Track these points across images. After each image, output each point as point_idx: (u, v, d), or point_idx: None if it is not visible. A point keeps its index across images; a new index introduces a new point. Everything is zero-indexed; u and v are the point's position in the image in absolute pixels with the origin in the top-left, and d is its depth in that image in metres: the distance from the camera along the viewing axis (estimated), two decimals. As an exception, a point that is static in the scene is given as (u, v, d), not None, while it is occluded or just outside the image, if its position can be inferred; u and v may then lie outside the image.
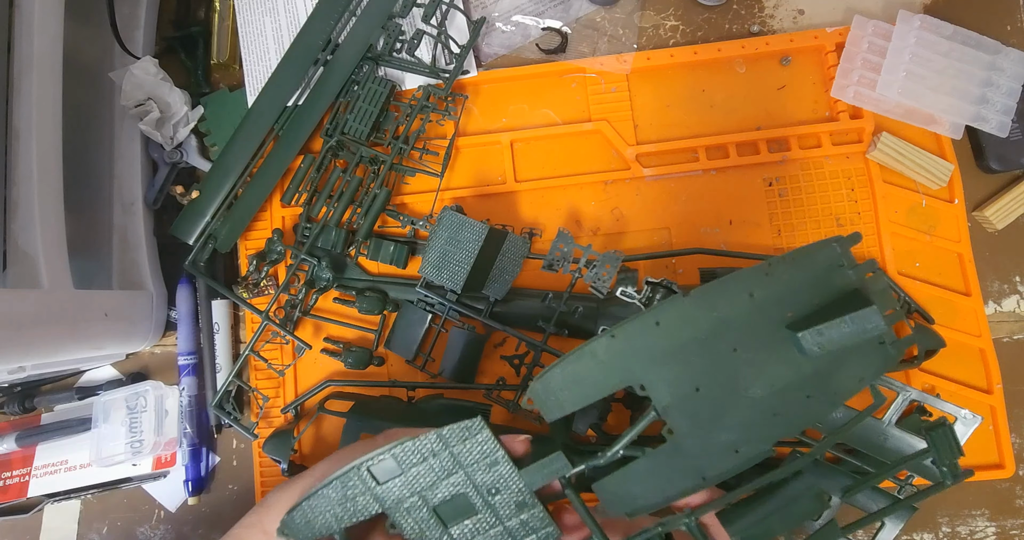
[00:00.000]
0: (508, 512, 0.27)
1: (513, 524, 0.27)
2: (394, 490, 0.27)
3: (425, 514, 0.27)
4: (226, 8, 0.53)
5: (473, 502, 0.27)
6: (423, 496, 0.27)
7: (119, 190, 0.51)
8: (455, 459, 0.27)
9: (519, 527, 0.28)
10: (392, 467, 0.27)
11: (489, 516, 0.27)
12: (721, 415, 0.26)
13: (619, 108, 0.50)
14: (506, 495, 0.27)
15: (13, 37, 0.40)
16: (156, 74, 0.50)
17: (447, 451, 0.27)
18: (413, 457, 0.27)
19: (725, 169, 0.49)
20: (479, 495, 0.27)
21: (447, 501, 0.27)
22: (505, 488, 0.27)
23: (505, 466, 0.27)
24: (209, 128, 0.52)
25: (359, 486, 0.27)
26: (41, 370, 0.43)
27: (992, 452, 0.47)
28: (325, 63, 0.50)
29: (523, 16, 0.52)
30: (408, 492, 0.27)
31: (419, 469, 0.27)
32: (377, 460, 0.27)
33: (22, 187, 0.40)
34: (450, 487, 0.27)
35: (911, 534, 0.47)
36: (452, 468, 0.27)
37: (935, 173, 0.47)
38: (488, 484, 0.27)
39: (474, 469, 0.27)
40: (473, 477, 0.27)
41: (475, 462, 0.27)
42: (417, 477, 0.27)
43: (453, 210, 0.45)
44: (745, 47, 0.49)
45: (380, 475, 0.27)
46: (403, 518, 0.27)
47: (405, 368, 0.48)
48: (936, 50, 0.47)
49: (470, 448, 0.27)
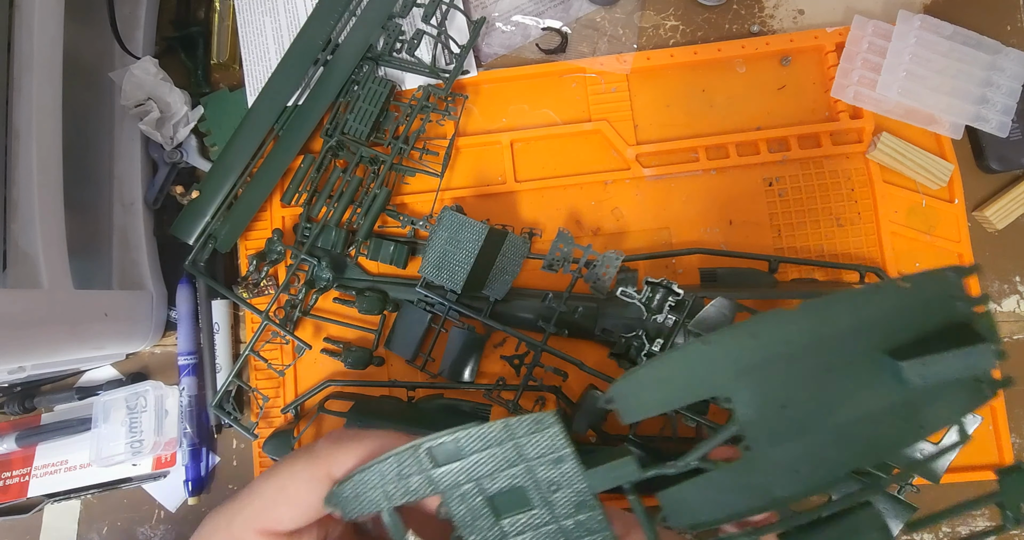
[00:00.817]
0: (565, 511, 0.27)
1: (568, 524, 0.27)
2: (451, 474, 0.26)
3: (479, 503, 0.27)
4: (226, 8, 0.53)
5: (530, 496, 0.27)
6: (480, 484, 0.27)
7: (119, 190, 0.51)
8: (519, 451, 0.26)
9: (574, 527, 0.27)
10: (453, 451, 0.26)
11: (545, 513, 0.27)
12: (802, 436, 0.25)
13: (619, 108, 0.50)
14: (566, 494, 0.27)
15: (13, 37, 0.40)
16: (156, 74, 0.50)
17: (512, 442, 0.26)
18: (476, 443, 0.26)
19: (725, 169, 0.49)
20: (537, 490, 0.27)
21: (503, 492, 0.27)
22: (567, 486, 0.27)
23: (571, 464, 0.26)
24: (209, 128, 0.52)
25: (415, 466, 0.26)
26: (41, 370, 0.43)
27: (992, 452, 0.47)
28: (325, 63, 0.50)
29: (523, 16, 0.52)
30: (465, 478, 0.26)
31: (480, 456, 0.26)
32: (439, 442, 0.26)
33: (22, 187, 0.40)
34: (508, 478, 0.26)
35: (911, 534, 0.47)
36: (514, 459, 0.26)
37: (935, 173, 0.47)
38: (549, 480, 0.26)
39: (537, 463, 0.26)
40: (535, 471, 0.26)
41: (540, 456, 0.26)
42: (477, 464, 0.26)
43: (453, 210, 0.45)
44: (745, 47, 0.49)
45: (439, 457, 0.26)
46: (456, 504, 0.27)
47: (405, 368, 0.48)
48: (936, 50, 0.47)
49: (537, 441, 0.26)
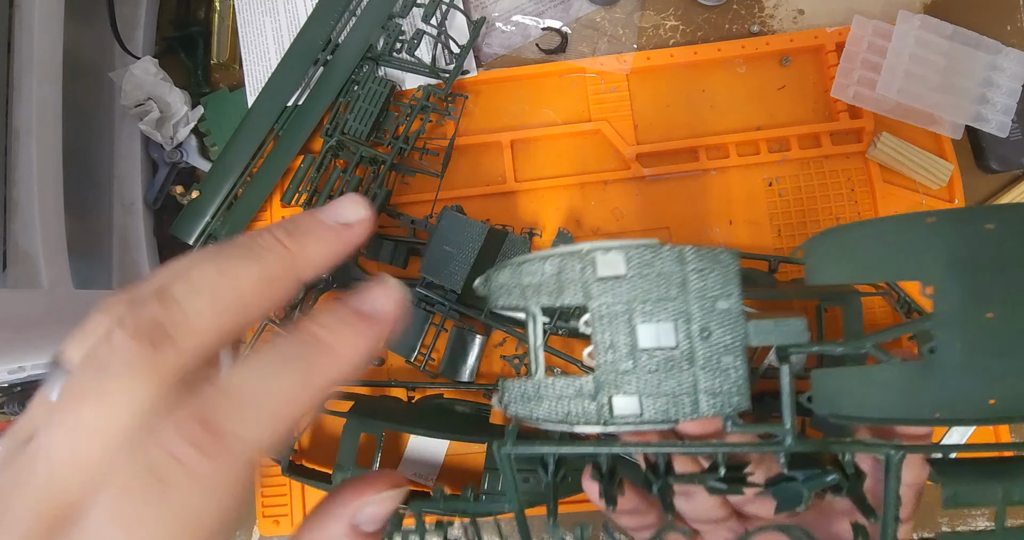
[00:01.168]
0: (707, 358, 0.24)
1: (702, 372, 0.25)
2: (608, 290, 0.24)
3: (624, 327, 0.25)
4: (226, 8, 0.53)
5: (677, 335, 0.24)
6: (631, 308, 0.24)
7: (119, 190, 0.51)
8: (684, 282, 0.24)
9: (707, 377, 0.25)
10: (619, 266, 0.24)
11: (685, 355, 0.25)
12: (998, 357, 0.22)
13: (619, 108, 0.50)
14: (715, 340, 0.24)
15: (13, 37, 0.40)
16: (156, 74, 0.50)
17: (682, 271, 0.24)
18: (645, 266, 0.24)
19: (725, 169, 0.49)
20: (687, 330, 0.24)
21: (652, 323, 0.24)
22: (719, 332, 0.24)
23: (735, 307, 0.24)
24: (209, 128, 0.52)
25: (576, 272, 0.24)
26: (41, 370, 0.43)
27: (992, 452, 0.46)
28: (325, 63, 0.50)
29: (523, 16, 0.52)
30: (621, 299, 0.24)
31: (645, 280, 0.24)
32: (607, 251, 0.24)
33: (22, 187, 0.40)
34: (663, 310, 0.24)
35: (911, 535, 0.47)
36: (677, 292, 0.24)
37: (935, 173, 0.47)
38: (704, 322, 0.24)
39: (699, 300, 0.24)
40: (691, 308, 0.24)
41: (704, 294, 0.24)
42: (638, 286, 0.24)
43: (453, 210, 0.45)
44: (745, 47, 0.49)
45: (602, 269, 0.24)
46: (600, 323, 0.25)
47: (405, 368, 0.48)
48: (936, 50, 0.47)
49: (707, 276, 0.24)
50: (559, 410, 0.25)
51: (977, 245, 0.22)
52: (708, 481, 0.26)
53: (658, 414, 0.25)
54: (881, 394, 0.23)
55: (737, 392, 0.25)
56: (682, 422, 0.25)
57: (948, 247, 0.22)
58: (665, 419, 0.25)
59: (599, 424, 0.25)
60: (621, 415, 0.25)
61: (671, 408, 0.25)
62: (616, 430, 0.25)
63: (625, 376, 0.25)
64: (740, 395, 0.25)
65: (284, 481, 0.48)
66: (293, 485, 0.48)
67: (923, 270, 0.22)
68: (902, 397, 0.23)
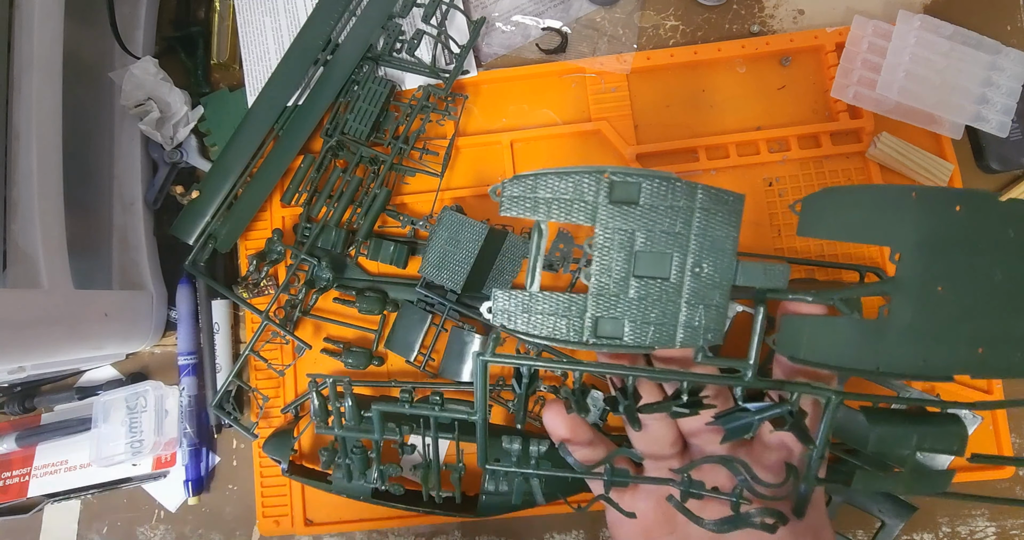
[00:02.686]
0: (695, 292, 0.26)
1: (686, 306, 0.26)
2: (617, 215, 0.25)
3: (623, 254, 0.26)
4: (226, 8, 0.53)
5: (671, 267, 0.26)
6: (633, 236, 0.25)
7: (119, 190, 0.51)
8: (690, 219, 0.25)
9: (691, 312, 0.26)
10: (633, 193, 0.25)
11: (675, 287, 0.26)
12: (938, 326, 0.25)
13: (619, 108, 0.50)
14: (706, 276, 0.26)
15: (13, 37, 0.40)
16: (156, 74, 0.50)
17: (690, 208, 0.25)
18: (658, 197, 0.25)
19: (725, 169, 0.49)
20: (680, 262, 0.26)
21: (650, 252, 0.26)
22: (711, 269, 0.26)
23: (730, 248, 0.25)
24: (209, 128, 0.52)
25: (591, 192, 0.25)
26: (41, 370, 0.43)
27: (992, 452, 0.47)
28: (325, 63, 0.50)
29: (523, 16, 0.52)
30: (627, 225, 0.25)
31: (655, 211, 0.25)
32: (623, 176, 0.25)
33: (22, 187, 0.40)
34: (664, 242, 0.25)
35: (911, 534, 0.47)
36: (681, 227, 0.25)
37: (935, 173, 0.47)
38: (698, 258, 0.26)
39: (699, 238, 0.25)
40: (690, 243, 0.25)
41: (705, 232, 0.25)
42: (647, 215, 0.25)
43: (453, 210, 0.45)
44: (745, 47, 0.49)
45: (617, 194, 0.25)
46: (603, 248, 0.26)
47: (405, 368, 0.48)
48: (936, 50, 0.47)
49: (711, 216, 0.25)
50: (545, 325, 0.26)
51: (945, 224, 0.24)
52: (671, 407, 0.29)
53: (638, 339, 0.26)
54: (836, 343, 0.26)
55: (713, 328, 0.26)
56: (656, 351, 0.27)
57: (922, 221, 0.24)
58: (642, 344, 0.26)
59: (582, 343, 0.26)
60: (604, 336, 0.26)
61: (650, 335, 0.26)
62: (595, 349, 0.27)
63: (615, 299, 0.26)
64: (714, 331, 0.26)
65: (284, 481, 0.48)
66: (293, 485, 0.48)
67: (897, 238, 0.25)
68: (853, 349, 0.26)
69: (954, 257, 0.24)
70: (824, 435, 0.28)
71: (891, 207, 0.25)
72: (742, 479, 0.30)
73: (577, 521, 0.48)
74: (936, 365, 0.25)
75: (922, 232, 0.24)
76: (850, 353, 0.26)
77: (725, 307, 0.26)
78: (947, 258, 0.24)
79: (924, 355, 0.25)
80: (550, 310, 0.26)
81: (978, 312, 0.25)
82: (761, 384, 0.28)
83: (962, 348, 0.25)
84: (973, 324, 0.25)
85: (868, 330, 0.25)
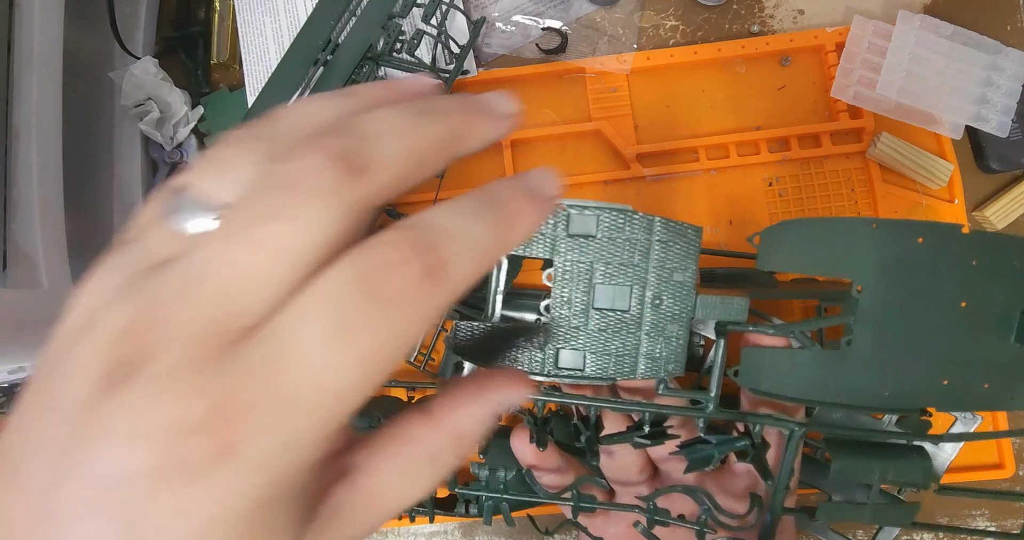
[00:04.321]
0: (654, 324, 0.26)
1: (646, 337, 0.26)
2: (575, 248, 0.25)
3: (583, 285, 0.25)
4: (226, 8, 0.53)
5: (631, 299, 0.26)
6: (593, 268, 0.25)
7: (119, 190, 0.51)
8: (648, 252, 0.25)
9: (650, 340, 0.26)
10: (590, 226, 0.25)
11: (635, 319, 0.26)
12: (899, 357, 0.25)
13: (619, 108, 0.50)
14: (665, 308, 0.26)
15: (13, 37, 0.40)
16: (156, 74, 0.50)
17: (648, 240, 0.25)
18: (615, 229, 0.25)
19: (725, 169, 0.49)
20: (640, 296, 0.25)
21: (609, 285, 0.26)
22: (670, 301, 0.26)
23: (688, 281, 0.26)
24: (209, 128, 0.52)
25: (548, 226, 0.25)
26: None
27: (992, 452, 0.47)
28: (325, 63, 0.50)
29: (523, 16, 0.52)
30: (586, 258, 0.25)
31: (612, 243, 0.25)
32: (580, 209, 0.25)
33: (22, 187, 0.40)
34: (622, 274, 0.25)
35: (911, 534, 0.47)
36: (640, 259, 0.25)
37: (935, 173, 0.47)
38: (657, 290, 0.25)
39: (657, 270, 0.25)
40: (649, 276, 0.25)
41: (663, 264, 0.25)
42: (604, 247, 0.25)
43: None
44: (745, 47, 0.49)
45: (574, 227, 0.25)
46: (562, 279, 0.26)
47: (405, 368, 0.48)
48: (936, 50, 0.47)
49: (669, 248, 0.25)
50: (506, 357, 0.26)
51: (906, 255, 0.24)
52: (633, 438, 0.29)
53: (599, 371, 0.26)
54: (798, 375, 0.26)
55: (674, 359, 0.26)
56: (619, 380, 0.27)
57: (882, 253, 0.24)
58: (604, 376, 0.26)
59: (542, 374, 0.26)
60: (565, 367, 0.26)
61: (611, 367, 0.26)
62: (557, 381, 0.27)
63: (575, 332, 0.26)
64: (676, 362, 0.26)
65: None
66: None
67: (857, 269, 0.24)
68: (814, 380, 0.26)
69: (916, 287, 0.24)
70: (787, 466, 0.28)
71: (851, 239, 0.24)
72: (706, 508, 0.30)
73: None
74: (900, 397, 0.25)
75: (883, 263, 0.24)
76: (811, 385, 0.26)
77: (685, 339, 0.26)
78: (909, 288, 0.24)
79: (887, 387, 0.25)
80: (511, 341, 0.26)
81: (942, 343, 0.25)
82: (723, 416, 0.28)
83: (926, 379, 0.25)
84: (937, 355, 0.25)
85: (829, 362, 0.25)
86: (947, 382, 0.25)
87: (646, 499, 0.32)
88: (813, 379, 0.25)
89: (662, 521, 0.31)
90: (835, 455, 0.27)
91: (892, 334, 0.25)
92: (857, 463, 0.27)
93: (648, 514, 0.32)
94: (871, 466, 0.27)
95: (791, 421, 0.27)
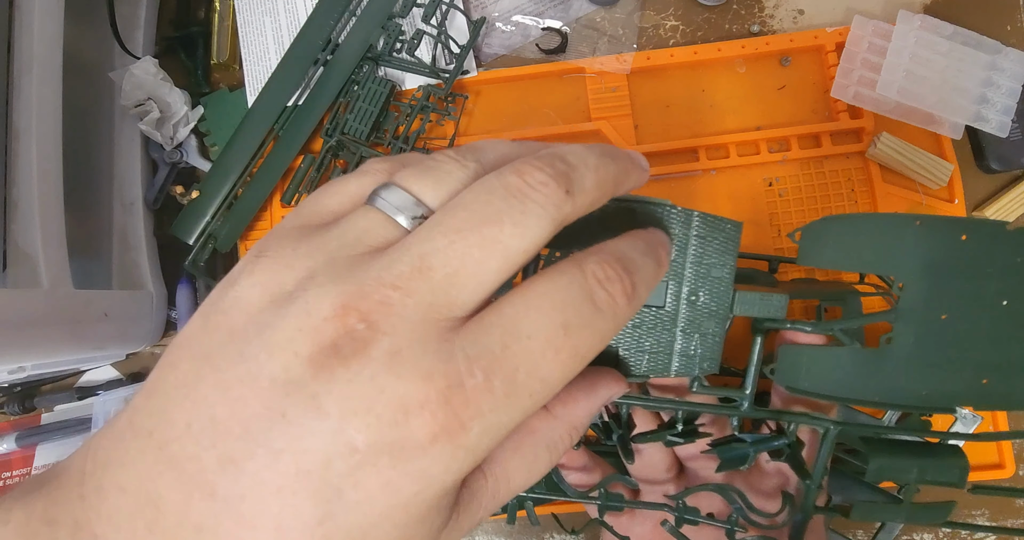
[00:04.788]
0: (688, 322, 0.25)
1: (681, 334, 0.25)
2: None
3: None
4: (226, 8, 0.53)
5: (667, 295, 0.25)
6: None
7: (119, 190, 0.51)
8: (685, 247, 0.24)
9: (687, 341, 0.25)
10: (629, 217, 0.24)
11: (671, 315, 0.25)
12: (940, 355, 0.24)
13: (619, 108, 0.50)
14: (702, 305, 0.25)
15: (13, 37, 0.40)
16: (156, 74, 0.50)
17: (685, 235, 0.24)
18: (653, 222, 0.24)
19: (725, 169, 0.49)
20: (676, 291, 0.25)
21: None
22: (707, 298, 0.25)
23: (726, 277, 0.25)
24: (209, 128, 0.52)
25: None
26: (41, 370, 0.43)
27: (992, 452, 0.47)
28: (325, 63, 0.50)
29: (523, 16, 0.52)
30: None
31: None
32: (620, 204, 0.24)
33: (22, 187, 0.40)
34: None
35: (911, 534, 0.47)
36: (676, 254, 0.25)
37: (935, 173, 0.47)
38: (694, 286, 0.25)
39: (695, 266, 0.25)
40: (686, 271, 0.25)
41: (701, 260, 0.25)
42: None
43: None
44: (745, 47, 0.49)
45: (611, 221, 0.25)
46: None
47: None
48: (936, 50, 0.47)
49: (707, 243, 0.25)
50: None
51: (950, 252, 0.24)
52: (666, 436, 0.28)
53: (633, 368, 0.25)
54: (836, 374, 0.25)
55: (710, 357, 0.26)
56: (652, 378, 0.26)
57: (926, 250, 0.24)
58: (637, 373, 0.25)
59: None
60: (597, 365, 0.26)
61: (645, 364, 0.25)
62: None
63: None
64: (711, 359, 0.26)
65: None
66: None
67: (900, 267, 0.24)
68: (853, 379, 0.25)
69: (959, 285, 0.24)
70: (821, 465, 0.27)
71: (894, 236, 0.24)
72: (737, 507, 0.30)
73: (578, 521, 0.47)
74: (938, 396, 0.24)
75: (926, 260, 0.24)
76: (850, 383, 0.25)
77: (722, 336, 0.26)
78: (952, 286, 0.24)
79: (926, 386, 0.24)
80: None
81: (983, 342, 0.24)
82: (758, 414, 0.28)
83: (966, 378, 0.24)
84: (978, 354, 0.24)
85: (869, 360, 0.25)
86: (986, 382, 0.24)
87: (675, 498, 0.31)
88: (852, 377, 0.25)
89: (692, 520, 0.31)
90: (872, 455, 0.26)
91: (933, 333, 0.24)
92: (894, 462, 0.26)
93: (677, 513, 0.31)
94: (908, 465, 0.26)
95: (827, 420, 0.27)
